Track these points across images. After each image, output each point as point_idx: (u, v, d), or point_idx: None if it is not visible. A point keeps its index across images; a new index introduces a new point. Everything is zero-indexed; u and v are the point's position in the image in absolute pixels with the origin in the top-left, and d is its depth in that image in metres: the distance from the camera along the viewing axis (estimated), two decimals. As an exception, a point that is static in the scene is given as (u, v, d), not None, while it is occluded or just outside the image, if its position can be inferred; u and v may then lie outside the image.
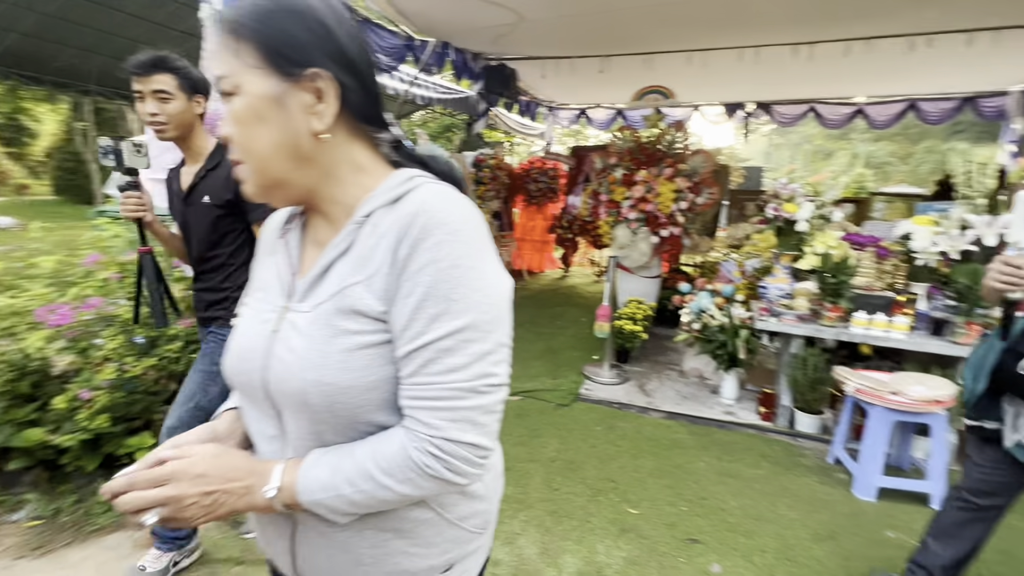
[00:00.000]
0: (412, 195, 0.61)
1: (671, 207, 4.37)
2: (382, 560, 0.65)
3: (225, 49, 0.58)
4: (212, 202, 1.57)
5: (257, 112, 0.58)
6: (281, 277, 0.68)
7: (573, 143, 14.40)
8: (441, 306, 0.56)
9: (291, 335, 0.61)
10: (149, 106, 1.48)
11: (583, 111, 8.96)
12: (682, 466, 2.64)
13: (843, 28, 4.33)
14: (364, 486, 0.58)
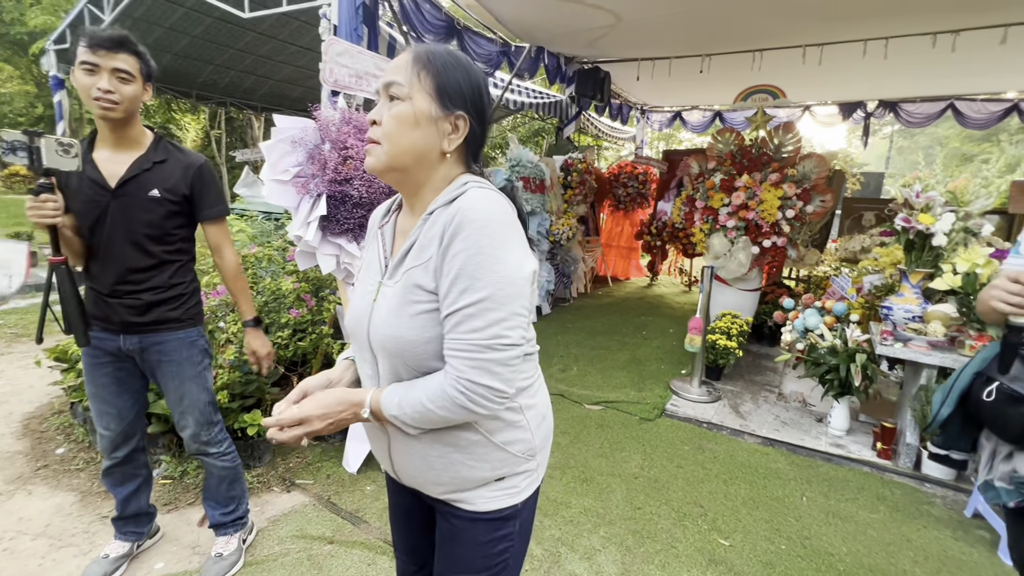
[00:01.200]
0: (461, 198, 0.83)
1: (776, 215, 4.04)
2: (447, 467, 0.89)
3: (410, 68, 0.83)
4: (165, 196, 1.53)
5: (416, 120, 0.83)
6: (378, 258, 0.93)
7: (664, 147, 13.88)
8: (467, 283, 0.77)
9: (382, 302, 0.87)
10: (103, 82, 1.40)
11: (678, 113, 8.62)
12: (781, 499, 2.41)
13: (997, 12, 3.74)
14: (418, 408, 0.81)
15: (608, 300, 6.46)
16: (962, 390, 1.26)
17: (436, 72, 0.83)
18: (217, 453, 1.77)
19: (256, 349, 1.80)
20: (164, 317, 1.62)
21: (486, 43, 4.73)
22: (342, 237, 2.33)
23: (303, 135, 2.22)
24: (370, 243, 0.99)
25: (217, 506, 1.84)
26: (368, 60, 2.47)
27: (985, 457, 1.26)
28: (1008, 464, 1.20)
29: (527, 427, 0.92)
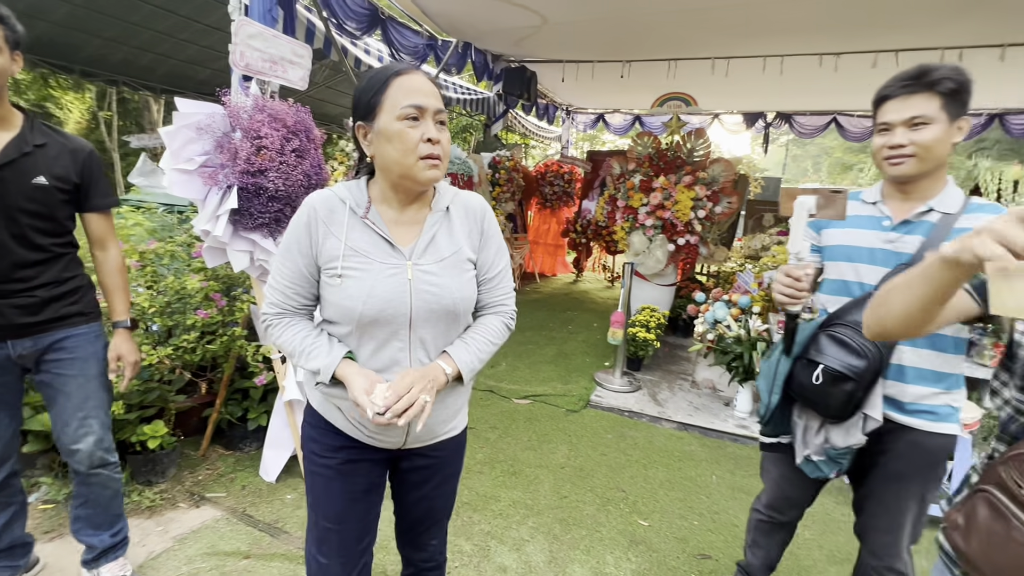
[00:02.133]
0: (465, 195, 1.14)
1: (689, 215, 4.33)
2: (457, 400, 1.15)
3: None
4: (54, 184, 1.40)
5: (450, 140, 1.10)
6: (379, 245, 1.04)
7: (589, 147, 14.36)
8: (501, 253, 1.16)
9: (429, 278, 1.04)
10: None
11: (601, 116, 8.93)
12: (694, 479, 2.60)
13: (871, 40, 4.25)
14: (487, 350, 1.11)
15: (536, 296, 6.59)
16: (786, 376, 1.34)
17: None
18: (115, 463, 1.63)
19: (124, 354, 1.59)
20: (63, 313, 1.49)
21: (412, 35, 4.63)
22: (256, 232, 2.19)
23: (210, 122, 2.05)
24: (349, 231, 1.04)
25: (103, 531, 1.67)
26: (284, 45, 2.33)
27: (799, 435, 1.38)
28: (819, 437, 1.33)
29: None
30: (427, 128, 0.98)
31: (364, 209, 1.04)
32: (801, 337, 1.34)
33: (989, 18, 3.62)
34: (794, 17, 3.95)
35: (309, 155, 2.23)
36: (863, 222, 1.36)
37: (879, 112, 1.28)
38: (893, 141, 1.24)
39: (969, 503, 0.78)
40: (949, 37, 4.01)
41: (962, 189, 1.30)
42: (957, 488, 0.96)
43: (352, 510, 1.15)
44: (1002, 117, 5.96)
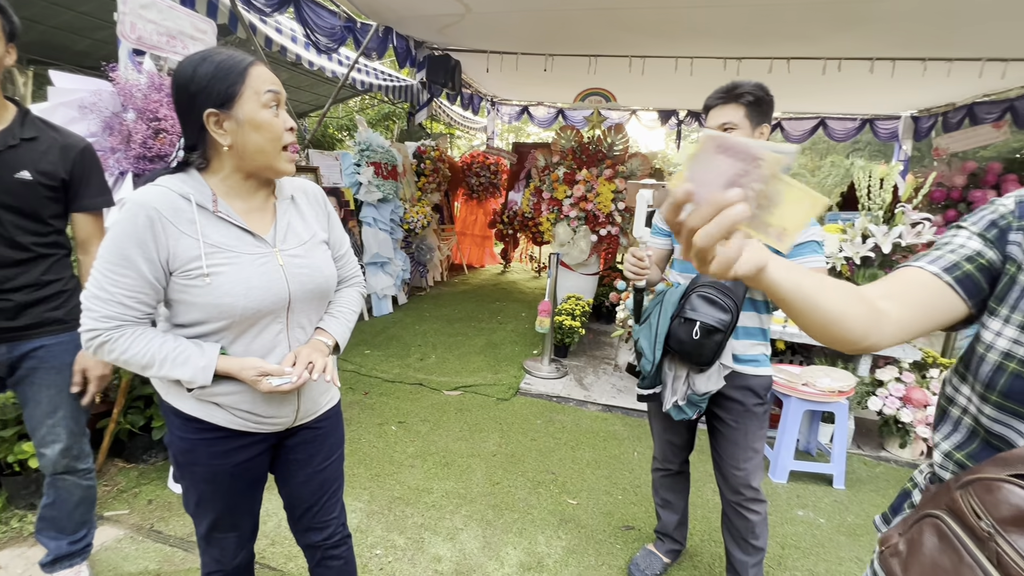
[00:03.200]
0: (297, 182, 1.17)
1: (610, 207, 4.52)
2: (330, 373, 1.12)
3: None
4: (39, 179, 1.34)
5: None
6: (241, 237, 1.02)
7: (515, 139, 14.48)
8: (341, 235, 1.24)
9: (299, 261, 1.08)
10: None
11: (526, 108, 9.02)
12: (618, 457, 2.75)
13: (767, 47, 4.66)
14: (351, 318, 1.23)
15: (464, 288, 6.59)
16: (665, 334, 1.55)
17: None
18: (84, 470, 1.56)
19: (90, 368, 1.47)
20: (44, 319, 1.43)
21: (328, 16, 4.39)
22: (156, 223, 2.00)
23: (96, 99, 1.84)
24: (204, 229, 0.98)
25: (66, 535, 1.58)
26: (183, 19, 2.13)
27: (669, 384, 1.60)
28: (685, 385, 1.56)
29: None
30: (285, 117, 1.01)
31: (212, 203, 0.98)
32: (674, 298, 1.56)
33: (862, 35, 4.10)
34: (702, 21, 4.23)
35: (216, 140, 2.07)
36: None
37: (707, 119, 1.56)
38: None
39: (915, 528, 0.65)
40: (831, 49, 4.50)
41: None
42: (896, 504, 0.85)
43: (245, 506, 1.18)
44: (872, 122, 6.78)
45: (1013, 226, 0.68)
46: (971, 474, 0.62)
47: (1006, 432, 0.67)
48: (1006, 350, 0.66)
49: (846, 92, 5.68)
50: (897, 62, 4.58)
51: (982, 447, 0.71)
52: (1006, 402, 0.66)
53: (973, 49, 4.25)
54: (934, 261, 0.71)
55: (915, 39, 4.09)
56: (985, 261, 0.69)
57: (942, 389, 0.81)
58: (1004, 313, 0.67)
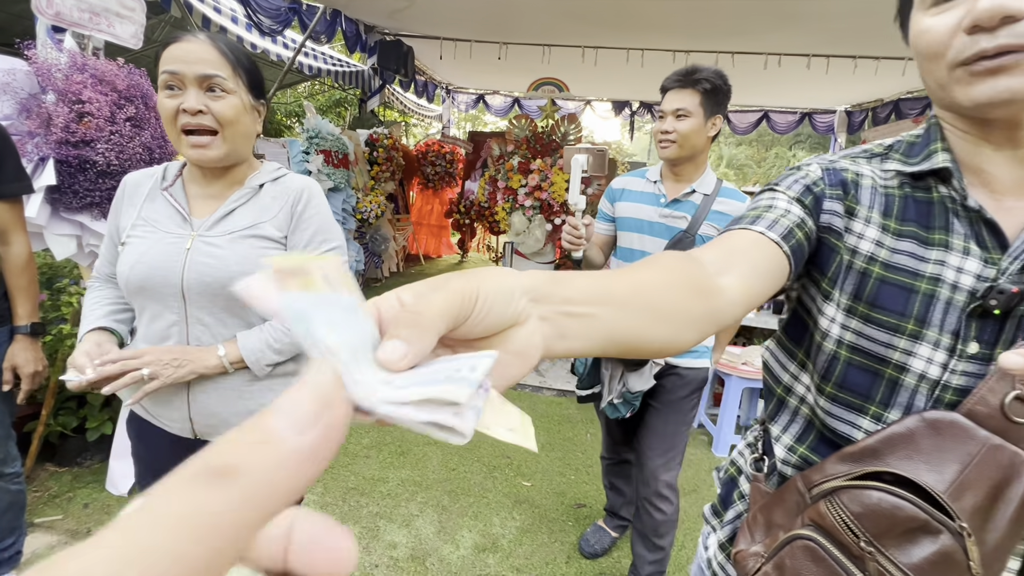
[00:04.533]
0: (290, 177, 1.09)
1: (564, 196, 4.59)
2: (261, 399, 1.02)
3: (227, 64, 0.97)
4: None
5: (244, 109, 1.00)
6: (172, 216, 1.01)
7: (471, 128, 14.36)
8: (325, 235, 1.07)
9: (210, 250, 0.97)
10: None
11: (481, 96, 8.96)
12: (571, 439, 2.84)
13: (713, 42, 4.83)
14: (284, 340, 1.01)
15: (421, 278, 6.51)
16: None
17: (246, 68, 0.99)
18: (12, 474, 1.49)
19: (20, 364, 1.40)
20: None
21: (271, -4, 4.21)
22: (83, 213, 1.89)
23: (10, 79, 1.71)
24: (140, 203, 1.04)
25: None
26: (107, -6, 1.99)
27: (606, 383, 1.62)
28: (620, 384, 1.57)
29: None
30: (186, 98, 0.91)
31: (169, 183, 1.04)
32: None
33: (798, 32, 4.32)
34: (651, 14, 4.33)
35: (149, 125, 1.97)
36: (646, 198, 1.59)
37: (662, 101, 1.52)
38: (663, 127, 1.49)
39: (785, 552, 0.58)
40: (772, 45, 4.71)
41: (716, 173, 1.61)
42: (724, 495, 0.81)
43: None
44: (811, 116, 7.15)
45: (827, 194, 0.63)
46: (822, 477, 0.57)
47: (839, 425, 0.62)
48: (838, 337, 0.61)
49: (787, 87, 5.96)
50: (831, 59, 4.84)
51: (819, 441, 0.65)
52: (840, 393, 0.62)
53: (898, 48, 4.56)
54: (771, 226, 0.59)
55: (846, 37, 4.33)
56: (808, 230, 0.61)
57: (770, 373, 0.75)
58: (836, 296, 0.62)
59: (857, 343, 0.60)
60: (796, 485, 0.61)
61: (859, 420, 0.61)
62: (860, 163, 0.66)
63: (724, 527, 0.79)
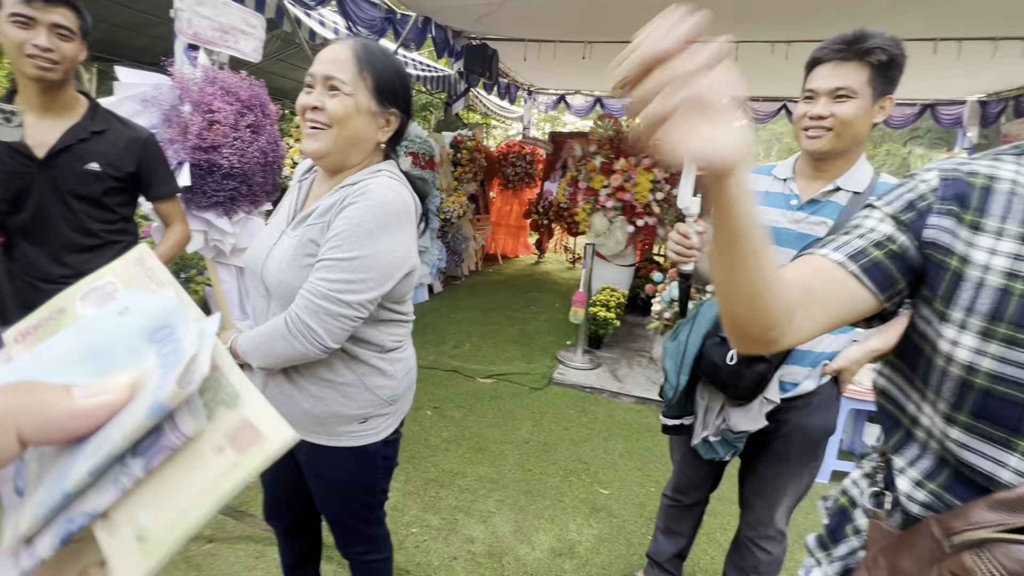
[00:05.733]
0: (365, 182, 0.98)
1: (648, 197, 4.44)
2: (317, 404, 1.03)
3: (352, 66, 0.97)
4: (106, 171, 1.41)
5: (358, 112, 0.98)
6: (288, 210, 1.09)
7: (550, 128, 14.35)
8: (339, 243, 0.94)
9: (280, 249, 1.02)
10: (42, 38, 1.25)
11: (562, 97, 8.93)
12: (651, 449, 2.74)
13: (820, 29, 4.44)
14: (257, 342, 1.00)
15: (498, 277, 6.63)
16: (695, 355, 1.27)
17: (376, 73, 0.98)
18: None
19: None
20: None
21: (369, 7, 4.47)
22: (210, 211, 2.11)
23: (156, 93, 1.95)
24: (288, 193, 1.14)
25: None
26: (235, 14, 2.21)
27: (700, 415, 1.34)
28: (719, 419, 1.30)
29: (395, 376, 1.11)
30: (313, 97, 0.96)
31: (308, 175, 1.14)
32: (712, 313, 1.30)
33: (923, 15, 3.85)
34: (749, 2, 4.07)
35: (265, 131, 2.16)
36: (771, 199, 1.30)
37: (809, 77, 1.19)
38: (815, 111, 1.16)
39: None
40: (892, 29, 4.23)
41: (898, 176, 1.34)
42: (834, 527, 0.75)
43: (268, 477, 1.24)
44: (933, 108, 6.37)
45: (934, 208, 0.58)
46: (966, 524, 0.50)
47: (978, 461, 0.55)
48: (968, 363, 0.54)
49: (906, 75, 5.35)
50: (964, 42, 4.28)
51: (954, 479, 0.58)
52: (977, 423, 0.54)
53: (1052, 26, 3.93)
54: (839, 248, 0.61)
55: (986, 17, 3.80)
56: (896, 247, 0.59)
57: (889, 400, 0.68)
58: (958, 317, 0.55)
59: (999, 370, 0.52)
60: (930, 530, 0.54)
61: (1005, 456, 0.53)
62: (1005, 162, 0.57)
63: (833, 562, 0.72)
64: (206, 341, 0.23)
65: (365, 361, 1.05)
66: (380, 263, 0.95)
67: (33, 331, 0.25)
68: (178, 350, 0.23)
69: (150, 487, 0.22)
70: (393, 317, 1.08)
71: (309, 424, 1.05)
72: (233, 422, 0.23)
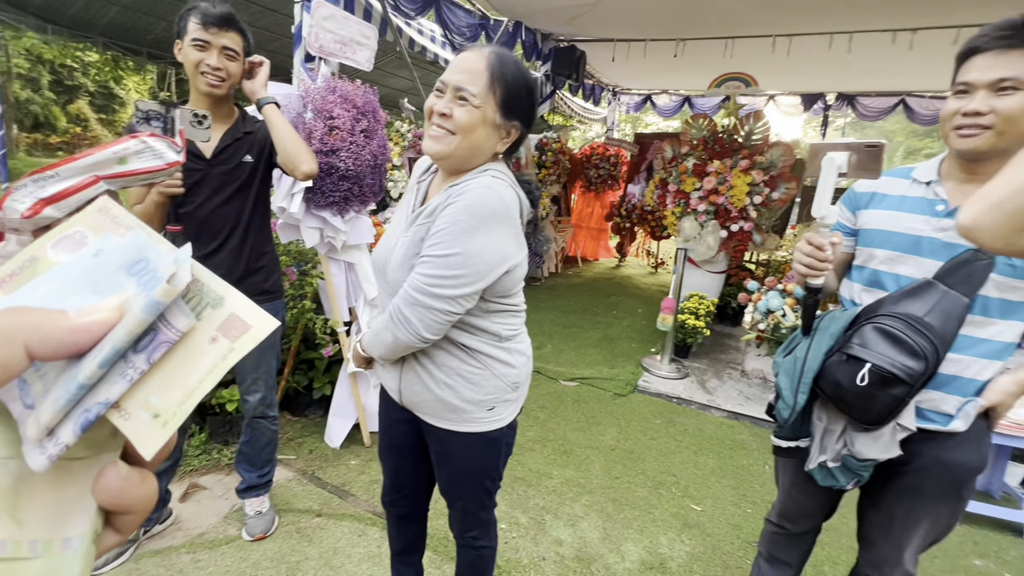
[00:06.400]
0: (466, 183, 1.01)
1: (744, 200, 4.20)
2: (448, 389, 1.09)
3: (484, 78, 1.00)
4: (255, 161, 1.64)
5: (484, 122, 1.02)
6: (407, 211, 1.13)
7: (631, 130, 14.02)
8: (437, 240, 0.98)
9: (398, 250, 1.07)
10: (213, 59, 1.46)
11: (648, 96, 8.70)
12: (746, 468, 2.58)
13: (953, 13, 3.97)
14: (369, 335, 1.13)
15: (579, 280, 6.58)
16: (815, 373, 1.16)
17: (507, 87, 1.00)
18: (272, 417, 1.87)
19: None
20: (259, 288, 1.70)
21: (464, 15, 4.61)
22: (326, 210, 2.27)
23: (286, 103, 2.13)
24: (408, 192, 1.19)
25: (255, 469, 1.90)
26: (353, 26, 2.37)
27: (818, 437, 1.21)
28: (839, 443, 1.17)
29: (515, 365, 1.15)
30: (443, 103, 1.00)
31: (431, 174, 1.19)
32: (836, 328, 1.17)
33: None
34: (870, -9, 3.73)
35: (376, 135, 2.29)
36: (911, 205, 1.16)
37: (961, 69, 1.05)
38: (970, 107, 1.02)
39: None
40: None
41: None
42: None
43: (390, 462, 1.33)
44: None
45: None
46: None
47: None
48: None
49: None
50: None
51: None
52: None
53: None
54: None
55: None
56: None
57: None
58: None
59: None
60: None
61: None
62: None
63: None
64: (183, 262, 0.26)
65: (487, 352, 1.10)
66: (475, 260, 0.97)
67: (9, 279, 0.26)
68: (156, 277, 0.25)
69: (156, 377, 0.25)
70: (504, 308, 1.11)
71: (442, 411, 1.11)
72: (222, 317, 0.26)
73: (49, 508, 0.23)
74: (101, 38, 5.92)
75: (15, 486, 0.23)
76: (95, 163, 0.39)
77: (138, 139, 0.42)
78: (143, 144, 0.42)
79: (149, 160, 0.42)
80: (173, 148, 0.45)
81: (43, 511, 0.23)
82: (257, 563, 1.75)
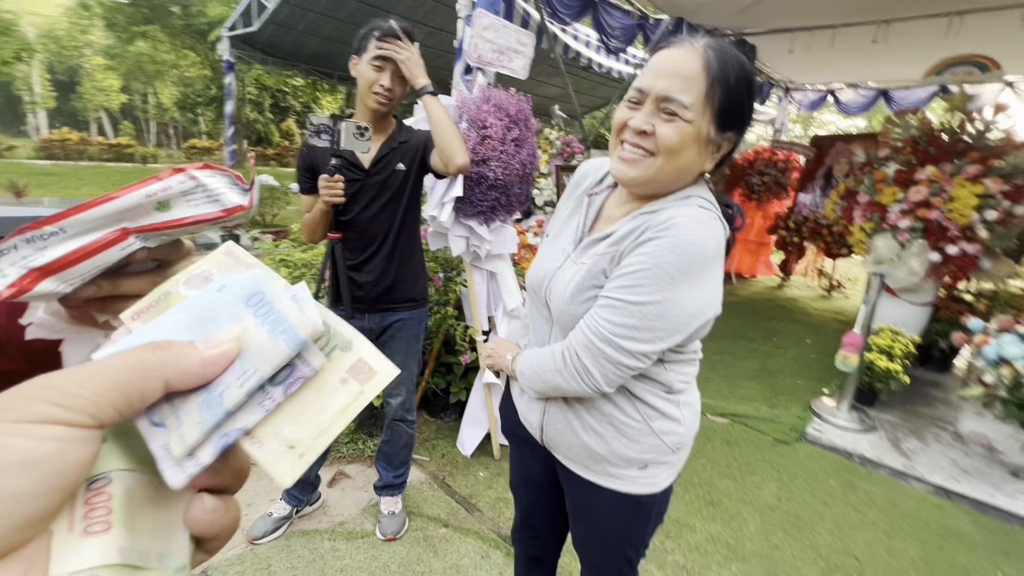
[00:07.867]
0: (678, 207, 0.84)
1: (971, 216, 3.32)
2: (596, 439, 0.94)
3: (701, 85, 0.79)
4: (407, 168, 1.66)
5: (695, 140, 0.82)
6: (575, 230, 0.97)
7: (800, 131, 12.36)
8: (632, 282, 0.80)
9: (564, 275, 0.92)
10: (386, 79, 1.52)
11: (829, 92, 7.52)
12: (966, 569, 1.97)
13: None
14: (533, 367, 0.96)
15: (732, 299, 5.91)
16: None
17: (728, 92, 0.79)
18: (411, 420, 1.92)
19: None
20: (407, 295, 1.75)
21: (622, 16, 4.42)
22: (473, 219, 2.28)
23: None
24: (571, 203, 1.03)
25: (392, 469, 1.97)
26: (511, 35, 2.36)
27: None
28: None
29: (682, 421, 0.96)
30: (637, 114, 0.83)
31: (600, 187, 1.01)
32: None
33: None
34: None
35: (526, 144, 2.23)
36: None
37: None
38: None
39: None
40: None
41: None
42: None
43: (519, 490, 1.22)
44: None
45: None
46: None
47: None
48: None
49: None
50: None
51: None
52: None
53: None
54: None
55: None
56: None
57: None
58: None
59: None
60: None
61: None
62: None
63: None
64: (302, 300, 0.28)
65: (650, 403, 0.92)
66: (675, 312, 0.80)
67: (146, 310, 0.29)
68: (272, 310, 0.27)
69: (288, 409, 0.27)
70: (681, 357, 0.93)
71: (585, 458, 0.97)
72: (351, 360, 0.28)
73: (150, 523, 0.24)
74: (304, 65, 7.00)
75: (129, 498, 0.24)
76: (120, 211, 0.30)
77: (186, 173, 0.32)
78: (192, 181, 0.32)
79: (201, 205, 0.32)
80: (238, 186, 0.34)
81: (148, 525, 0.24)
82: (386, 565, 1.78)
